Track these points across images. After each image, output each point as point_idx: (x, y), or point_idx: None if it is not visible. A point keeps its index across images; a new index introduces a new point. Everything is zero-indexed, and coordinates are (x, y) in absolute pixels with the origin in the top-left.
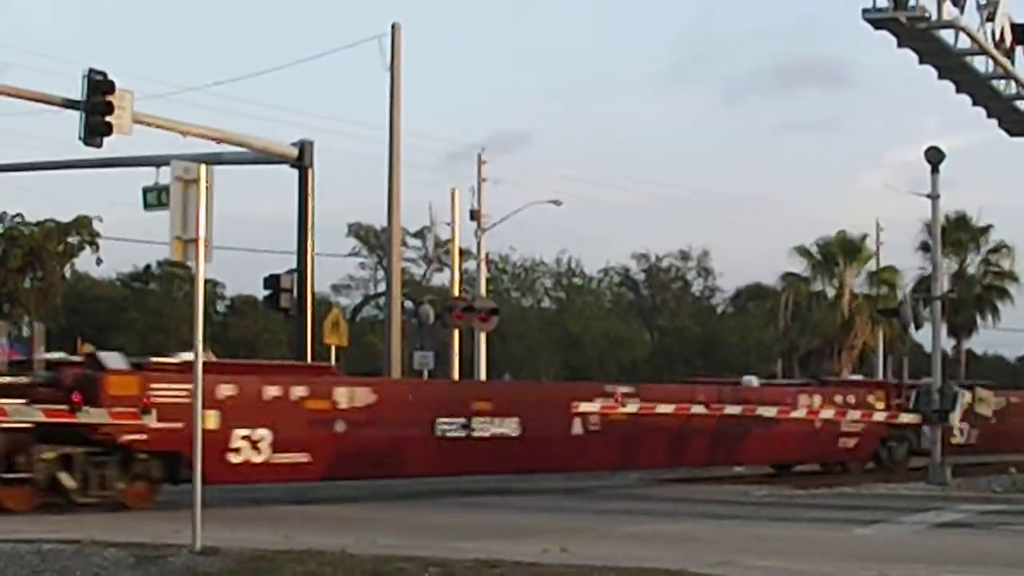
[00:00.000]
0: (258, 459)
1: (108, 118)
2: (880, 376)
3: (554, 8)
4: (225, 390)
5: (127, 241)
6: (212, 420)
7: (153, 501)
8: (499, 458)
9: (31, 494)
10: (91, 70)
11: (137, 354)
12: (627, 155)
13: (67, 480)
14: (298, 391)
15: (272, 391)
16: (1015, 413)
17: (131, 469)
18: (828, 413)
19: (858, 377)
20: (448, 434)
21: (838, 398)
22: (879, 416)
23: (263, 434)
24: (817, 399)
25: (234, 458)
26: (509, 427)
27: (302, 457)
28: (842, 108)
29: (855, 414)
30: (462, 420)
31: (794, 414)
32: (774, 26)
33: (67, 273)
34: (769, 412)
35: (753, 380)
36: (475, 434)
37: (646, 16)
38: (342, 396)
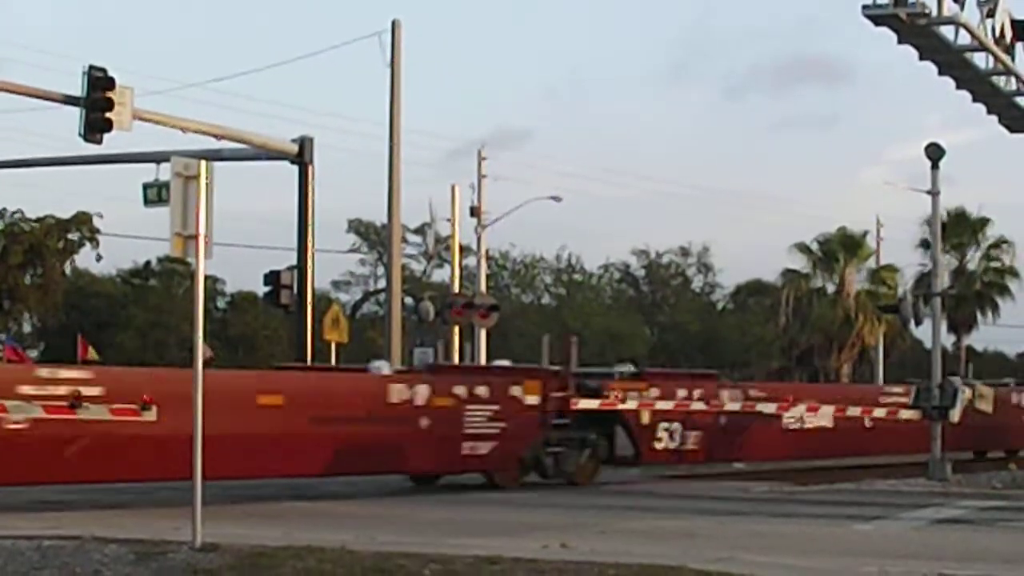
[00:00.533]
0: None
1: (108, 114)
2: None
3: (555, 5)
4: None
5: (127, 237)
6: None
7: None
8: None
9: None
10: (91, 66)
11: (137, 351)
12: (627, 152)
13: None
14: None
15: None
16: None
17: None
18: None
19: (504, 363)
20: None
21: (458, 389)
22: (905, 414)
23: None
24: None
25: None
26: None
27: None
28: (842, 105)
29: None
30: None
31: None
32: (774, 24)
33: (67, 270)
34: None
35: (384, 367)
36: None
37: (646, 14)
38: None
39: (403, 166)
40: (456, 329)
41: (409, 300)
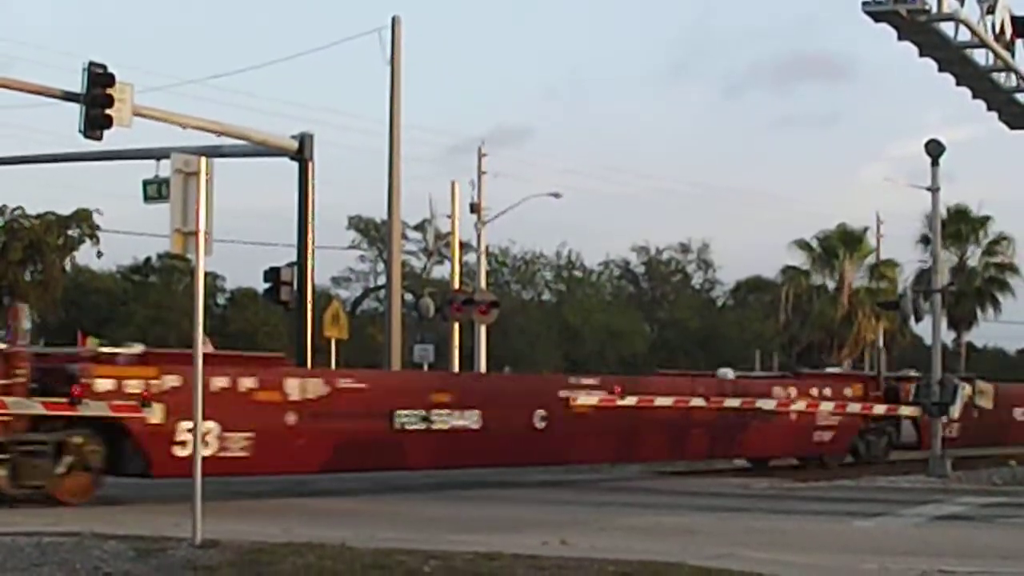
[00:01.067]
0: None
1: (108, 111)
2: (882, 370)
3: (556, 4)
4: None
5: (127, 234)
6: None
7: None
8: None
9: None
10: (91, 63)
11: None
12: (628, 150)
13: None
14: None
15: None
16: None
17: None
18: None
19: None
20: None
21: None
22: (854, 408)
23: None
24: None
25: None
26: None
27: None
28: (842, 102)
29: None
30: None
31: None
32: (774, 22)
33: (67, 266)
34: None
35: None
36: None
37: (647, 14)
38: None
39: (403, 163)
40: (456, 326)
41: (409, 297)
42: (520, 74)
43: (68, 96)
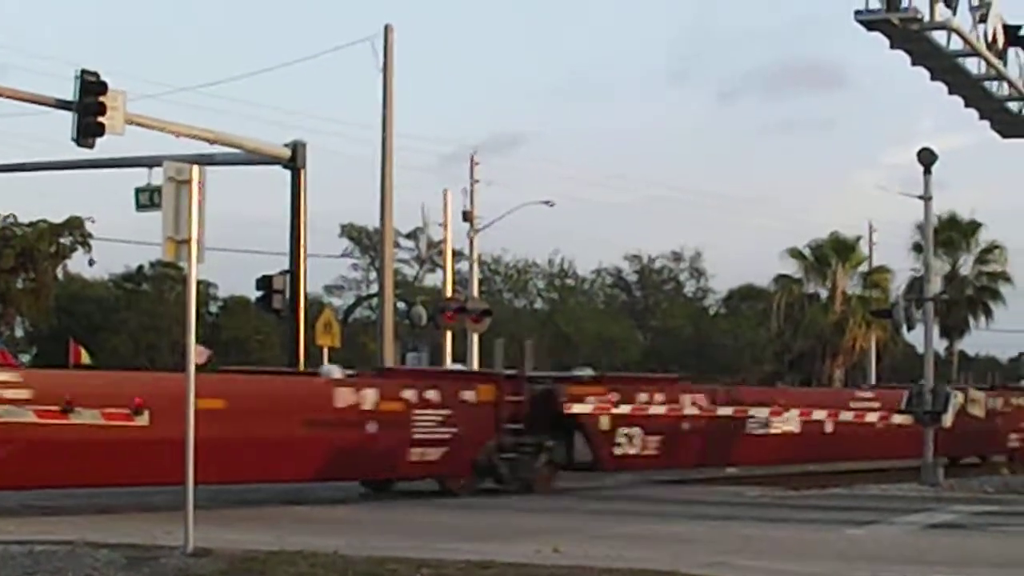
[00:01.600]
0: None
1: (100, 119)
2: (873, 379)
3: (549, 12)
4: None
5: (119, 242)
6: None
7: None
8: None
9: None
10: (83, 71)
11: (130, 355)
12: (621, 156)
13: None
14: None
15: None
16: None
17: None
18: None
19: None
20: None
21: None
22: (897, 419)
23: None
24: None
25: None
26: None
27: None
28: (836, 110)
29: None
30: None
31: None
32: (770, 28)
33: (59, 274)
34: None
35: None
36: None
37: (642, 18)
38: None
39: (396, 171)
40: (449, 334)
41: (402, 305)
42: (514, 81)
43: (61, 104)
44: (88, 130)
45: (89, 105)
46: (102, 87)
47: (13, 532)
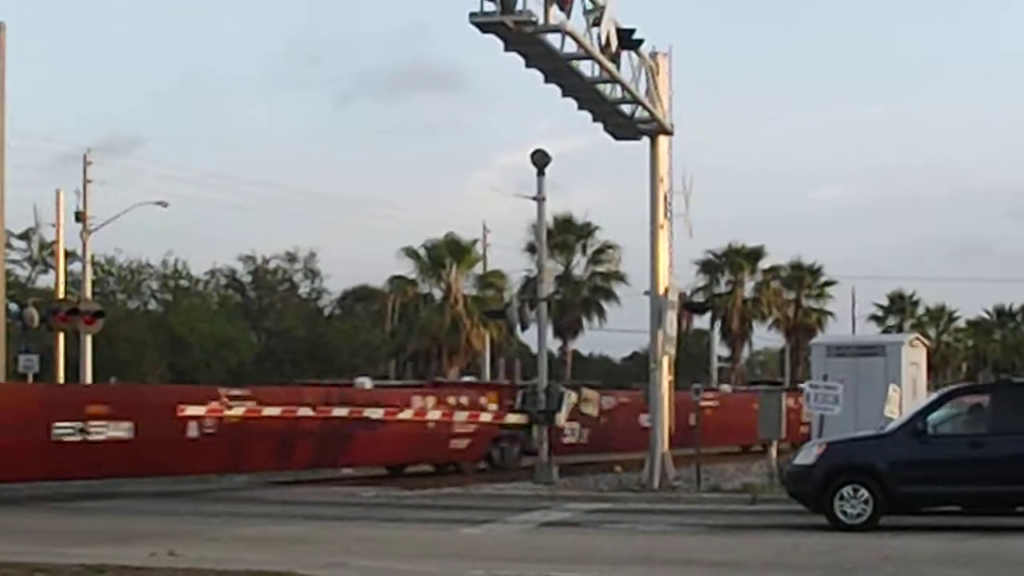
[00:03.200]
0: None
1: None
2: (488, 378)
3: (165, 12)
4: None
5: None
6: None
7: None
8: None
9: None
10: None
11: None
12: (238, 158)
13: None
14: None
15: None
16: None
17: None
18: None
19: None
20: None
21: (451, 399)
22: (487, 417)
23: None
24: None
25: None
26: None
27: None
28: (454, 112)
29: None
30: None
31: (404, 415)
32: (387, 32)
33: None
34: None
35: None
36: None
37: (257, 21)
38: None
39: (7, 170)
40: (61, 336)
41: (14, 306)
42: (131, 82)
43: None
44: None
45: None
46: None
47: None
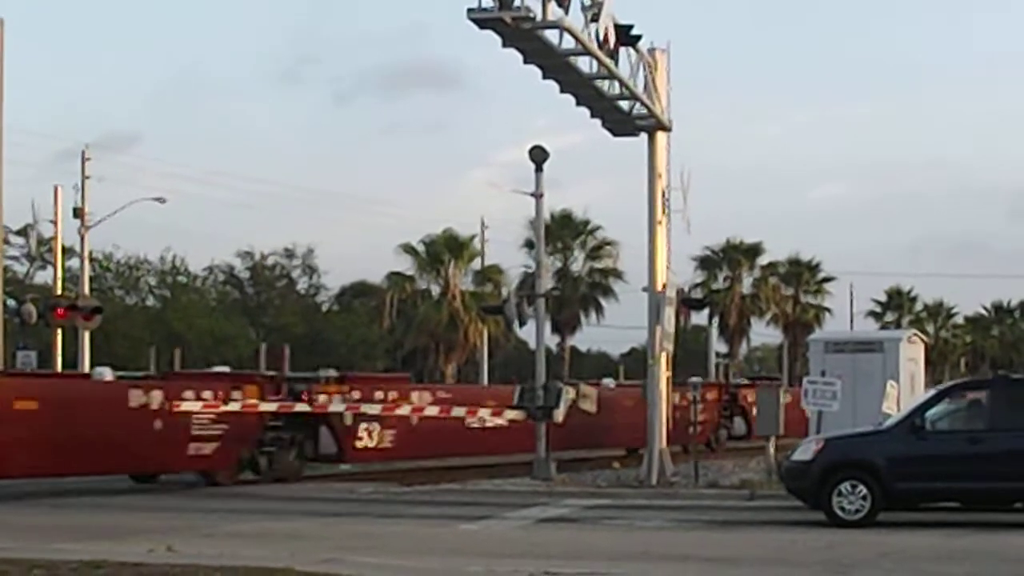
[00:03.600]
0: None
1: None
2: (486, 376)
3: (163, 10)
4: None
5: None
6: None
7: None
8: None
9: None
10: None
11: None
12: (237, 155)
13: None
14: None
15: None
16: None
17: None
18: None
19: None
20: None
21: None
22: (510, 414)
23: None
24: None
25: None
26: None
27: None
28: (451, 109)
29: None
30: None
31: None
32: (385, 30)
33: None
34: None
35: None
36: None
37: (255, 19)
38: None
39: (5, 167)
40: (59, 331)
41: (11, 302)
42: (129, 78)
43: None
44: None
45: None
46: None
47: None
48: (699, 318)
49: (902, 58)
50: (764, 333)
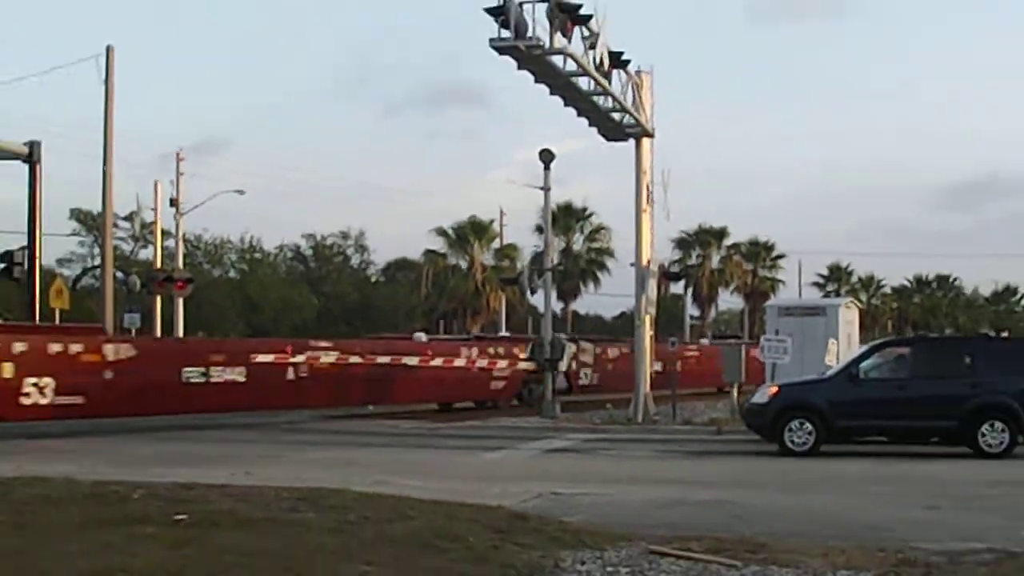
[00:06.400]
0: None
1: None
2: (504, 332)
3: (245, 43)
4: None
5: None
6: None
7: None
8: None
9: None
10: None
11: None
12: (306, 155)
13: None
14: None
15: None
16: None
17: None
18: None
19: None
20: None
21: (491, 350)
22: (523, 364)
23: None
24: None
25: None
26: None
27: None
28: (479, 120)
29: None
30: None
31: (457, 363)
32: (426, 57)
33: None
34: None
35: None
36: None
37: (324, 45)
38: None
39: (118, 165)
40: (158, 298)
41: (120, 275)
42: (224, 91)
43: None
44: None
45: None
46: None
47: None
48: (676, 288)
49: (841, 79)
50: (729, 300)
